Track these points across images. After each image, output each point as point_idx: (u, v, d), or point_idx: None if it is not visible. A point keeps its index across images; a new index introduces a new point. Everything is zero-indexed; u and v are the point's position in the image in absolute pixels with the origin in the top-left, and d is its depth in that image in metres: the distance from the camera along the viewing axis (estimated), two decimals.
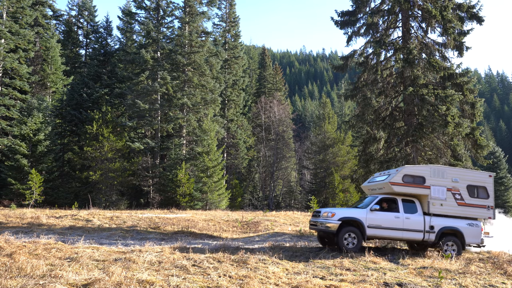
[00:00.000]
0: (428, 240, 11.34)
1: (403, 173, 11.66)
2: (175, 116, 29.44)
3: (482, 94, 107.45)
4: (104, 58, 35.51)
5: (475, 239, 11.54)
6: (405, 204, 11.53)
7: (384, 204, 11.54)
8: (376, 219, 11.10)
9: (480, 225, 11.72)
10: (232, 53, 41.61)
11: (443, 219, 11.49)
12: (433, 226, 11.32)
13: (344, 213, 11.23)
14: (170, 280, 6.66)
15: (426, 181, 11.66)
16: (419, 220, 11.35)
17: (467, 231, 11.45)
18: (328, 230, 11.09)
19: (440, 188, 11.63)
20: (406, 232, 11.24)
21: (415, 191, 11.67)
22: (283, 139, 43.13)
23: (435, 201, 11.51)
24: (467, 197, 11.75)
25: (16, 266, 6.88)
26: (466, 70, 16.19)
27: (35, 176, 22.94)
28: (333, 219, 10.96)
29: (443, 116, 14.62)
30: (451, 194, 11.67)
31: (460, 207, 11.65)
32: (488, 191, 12.03)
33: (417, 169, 11.98)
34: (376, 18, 16.97)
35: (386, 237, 11.66)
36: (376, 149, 17.29)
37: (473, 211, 11.77)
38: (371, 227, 11.03)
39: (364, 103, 16.64)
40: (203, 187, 27.24)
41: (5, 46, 27.35)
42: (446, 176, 11.79)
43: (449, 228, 11.41)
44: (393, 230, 11.19)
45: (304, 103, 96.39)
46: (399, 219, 11.26)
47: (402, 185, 11.55)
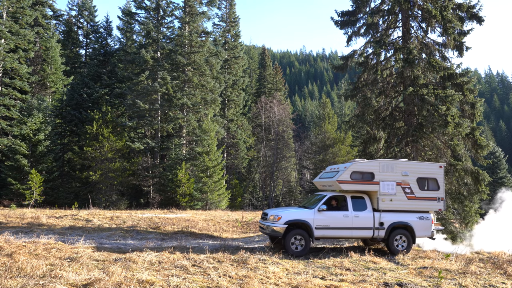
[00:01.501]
0: (378, 236, 11.25)
1: (351, 170, 11.43)
2: (175, 116, 29.44)
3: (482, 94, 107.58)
4: (104, 58, 35.51)
5: (425, 232, 11.47)
6: (355, 202, 11.35)
7: (334, 202, 11.39)
8: (324, 219, 10.90)
9: (431, 217, 11.63)
10: (232, 53, 41.60)
11: (393, 215, 11.37)
12: (382, 223, 11.21)
13: (290, 216, 10.92)
14: (170, 280, 6.65)
15: (375, 177, 11.47)
16: (368, 217, 11.21)
17: (417, 224, 11.36)
18: (275, 234, 10.84)
19: (390, 183, 11.47)
20: (355, 230, 11.12)
21: (364, 187, 11.48)
22: (283, 139, 43.12)
23: (385, 196, 11.36)
24: (417, 190, 11.61)
25: (16, 266, 6.88)
26: (466, 70, 16.18)
27: (35, 176, 22.94)
28: (279, 223, 10.73)
29: (443, 116, 14.62)
30: (401, 188, 11.53)
31: (410, 201, 11.52)
32: (438, 182, 11.87)
33: (365, 165, 11.73)
34: (376, 18, 16.96)
35: (336, 237, 11.53)
36: (376, 149, 17.28)
37: (423, 204, 11.64)
38: (319, 228, 10.83)
39: (364, 103, 16.64)
40: (203, 187, 27.24)
41: (5, 46, 27.35)
42: (395, 170, 11.61)
43: (399, 223, 11.31)
44: (342, 229, 11.04)
45: (304, 103, 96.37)
46: (348, 217, 11.09)
47: (350, 183, 11.34)
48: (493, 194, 17.13)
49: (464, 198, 15.14)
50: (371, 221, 11.17)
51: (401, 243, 11.32)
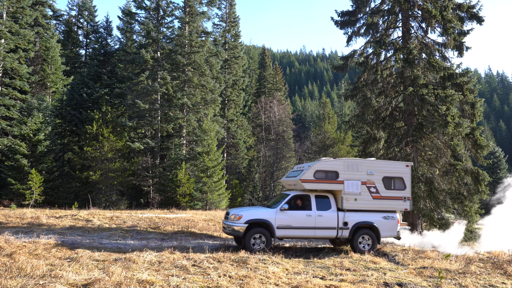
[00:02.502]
0: (341, 237, 11.06)
1: (315, 169, 11.22)
2: (175, 116, 29.44)
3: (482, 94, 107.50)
4: (104, 58, 35.50)
5: (391, 232, 11.30)
6: (319, 201, 11.12)
7: (298, 202, 11.16)
8: (286, 219, 10.70)
9: (397, 217, 11.41)
10: (232, 53, 41.60)
11: (357, 214, 11.18)
12: (347, 222, 11.00)
13: (251, 215, 10.74)
14: (170, 280, 6.65)
15: (339, 176, 11.26)
16: (332, 217, 11.00)
17: (382, 224, 11.17)
18: (236, 234, 10.68)
19: (354, 182, 11.26)
20: (318, 230, 10.89)
21: (328, 187, 11.28)
22: (283, 139, 43.11)
23: (349, 196, 11.15)
24: (382, 190, 11.42)
25: (16, 266, 6.88)
26: (466, 70, 16.19)
27: (35, 176, 22.94)
28: (239, 222, 10.54)
29: (443, 116, 14.62)
30: (366, 187, 11.33)
31: (375, 200, 11.32)
32: (405, 181, 11.66)
33: (329, 164, 11.52)
34: (376, 18, 16.97)
35: (298, 237, 11.35)
36: (376, 149, 17.29)
37: (389, 203, 11.44)
38: (281, 227, 10.65)
39: (364, 103, 16.64)
40: (203, 187, 27.24)
41: (5, 46, 27.34)
42: (360, 169, 11.41)
43: (364, 223, 11.11)
44: (305, 229, 10.83)
45: (304, 103, 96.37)
46: (311, 217, 10.87)
47: (313, 182, 11.11)
48: (493, 195, 17.12)
49: (464, 198, 15.14)
50: (335, 220, 10.99)
51: (365, 243, 11.12)
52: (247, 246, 10.42)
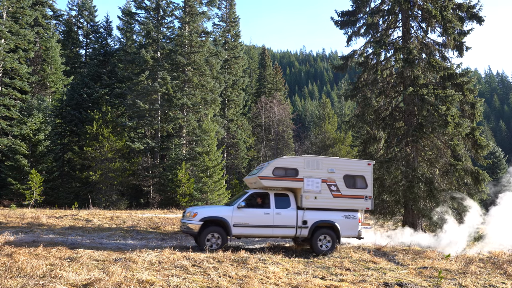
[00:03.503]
0: (300, 235, 10.83)
1: (274, 166, 11.05)
2: (175, 116, 29.43)
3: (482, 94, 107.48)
4: (104, 58, 35.50)
5: (351, 232, 11.09)
6: (278, 199, 10.92)
7: (257, 200, 10.99)
8: (243, 216, 10.50)
9: (358, 216, 11.23)
10: (232, 53, 41.60)
11: (317, 213, 10.98)
12: (306, 221, 10.79)
13: (207, 213, 10.55)
14: (170, 280, 6.66)
15: (299, 173, 11.06)
16: (291, 215, 10.79)
17: (343, 223, 10.97)
18: (190, 232, 10.42)
19: (315, 180, 11.09)
20: (277, 229, 10.69)
21: (288, 184, 11.09)
22: (283, 139, 43.12)
23: (309, 194, 10.97)
24: (343, 188, 11.27)
25: (16, 266, 6.88)
26: (466, 70, 16.18)
27: (35, 176, 22.93)
28: (194, 220, 10.32)
29: (443, 116, 14.62)
30: (327, 185, 11.16)
31: (336, 199, 11.17)
32: (366, 180, 11.52)
33: (289, 161, 11.38)
34: (376, 18, 16.97)
35: (256, 235, 11.15)
36: (376, 149, 17.29)
37: (350, 202, 11.28)
38: (238, 225, 10.44)
39: (364, 103, 16.64)
40: (203, 187, 27.23)
41: (5, 46, 27.34)
42: (321, 167, 11.24)
43: (323, 222, 10.91)
44: (262, 227, 10.64)
45: (304, 103, 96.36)
46: (269, 215, 10.66)
47: (272, 179, 10.94)
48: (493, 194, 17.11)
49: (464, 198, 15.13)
50: (294, 219, 10.76)
51: (325, 242, 10.90)
52: (201, 244, 10.22)
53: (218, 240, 10.37)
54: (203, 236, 10.27)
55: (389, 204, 16.50)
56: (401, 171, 15.84)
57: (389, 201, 16.43)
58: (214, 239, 10.37)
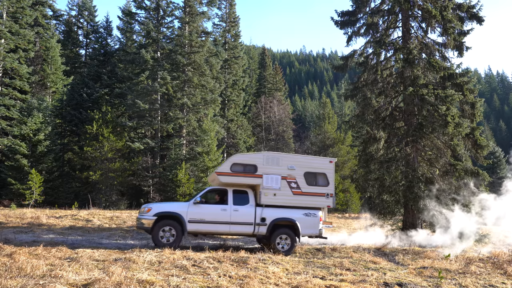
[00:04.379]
0: (258, 233, 10.70)
1: (232, 161, 10.95)
2: (175, 116, 29.43)
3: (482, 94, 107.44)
4: (104, 58, 35.50)
5: (312, 230, 10.92)
6: (236, 196, 10.81)
7: (215, 196, 10.92)
8: (199, 212, 10.38)
9: (319, 214, 11.08)
10: (232, 53, 41.59)
11: (276, 210, 10.84)
12: (264, 218, 10.64)
13: (161, 208, 10.43)
14: (170, 280, 6.65)
15: (258, 170, 10.93)
16: (249, 212, 10.65)
17: (303, 221, 10.80)
18: (144, 227, 10.24)
19: (274, 176, 10.95)
20: (234, 225, 10.53)
21: (246, 181, 10.93)
22: (283, 139, 43.11)
23: (268, 191, 10.83)
24: (304, 186, 11.10)
25: (16, 266, 6.88)
26: (466, 70, 16.18)
27: (35, 176, 22.93)
28: (148, 215, 10.17)
29: (443, 116, 14.61)
30: (287, 182, 11.00)
31: (296, 196, 11.00)
32: (328, 178, 11.36)
33: (248, 157, 11.36)
34: (376, 18, 16.97)
35: (212, 232, 10.97)
36: (376, 149, 17.28)
37: (310, 200, 11.11)
38: (193, 221, 10.31)
39: (364, 103, 16.64)
40: (203, 187, 27.23)
41: (5, 46, 27.34)
42: (281, 164, 11.11)
43: (282, 220, 10.76)
44: (219, 224, 10.47)
45: (304, 103, 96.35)
46: (226, 211, 10.53)
47: (230, 175, 10.79)
48: None
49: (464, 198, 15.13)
50: (252, 216, 10.62)
51: (283, 240, 10.76)
52: (155, 241, 10.09)
53: (172, 236, 10.18)
54: (156, 231, 10.10)
55: (389, 204, 16.49)
56: (401, 171, 15.84)
57: (389, 201, 16.43)
58: (168, 234, 10.19)
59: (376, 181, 16.20)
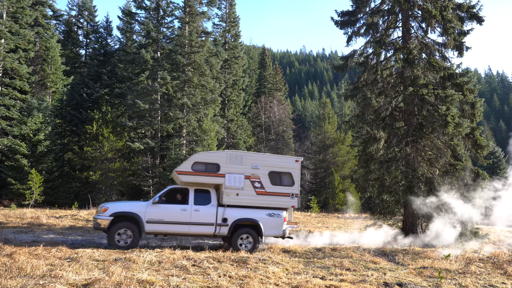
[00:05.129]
0: (219, 234, 10.44)
1: (194, 160, 10.69)
2: (175, 116, 29.43)
3: (482, 94, 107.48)
4: (104, 58, 35.51)
5: (275, 231, 10.72)
6: (198, 195, 10.56)
7: (176, 195, 10.59)
8: (158, 212, 10.09)
9: (283, 215, 10.84)
10: (232, 53, 41.60)
11: (238, 210, 10.60)
12: (226, 219, 10.41)
13: (118, 208, 10.13)
14: (170, 280, 6.65)
15: (221, 169, 10.68)
16: (210, 212, 10.40)
17: (266, 222, 10.59)
18: (100, 227, 9.96)
19: (237, 176, 10.73)
20: (194, 226, 10.27)
21: (208, 180, 10.69)
22: (283, 139, 43.11)
23: (230, 190, 10.61)
24: (268, 185, 10.88)
25: (16, 266, 6.88)
26: (466, 70, 16.17)
27: (35, 176, 22.94)
28: (104, 215, 9.88)
29: (443, 116, 14.61)
30: (250, 182, 10.76)
31: (259, 196, 10.79)
32: (293, 177, 11.13)
33: (210, 156, 11.06)
34: (376, 18, 16.96)
35: (171, 233, 10.58)
36: (376, 149, 17.28)
37: (275, 200, 10.90)
38: (151, 222, 10.03)
39: (364, 103, 16.63)
40: None
41: (5, 46, 27.34)
42: (245, 163, 10.86)
43: (245, 220, 10.53)
44: (178, 224, 10.20)
45: (304, 103, 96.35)
46: (186, 211, 10.26)
47: (191, 174, 10.53)
48: None
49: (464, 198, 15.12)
50: (213, 216, 10.38)
51: (245, 241, 10.54)
52: (111, 241, 9.82)
53: (128, 237, 9.93)
54: (112, 232, 9.83)
55: (389, 204, 16.49)
56: (401, 171, 15.83)
57: (389, 201, 16.43)
58: (125, 235, 9.94)
59: (376, 181, 16.19)
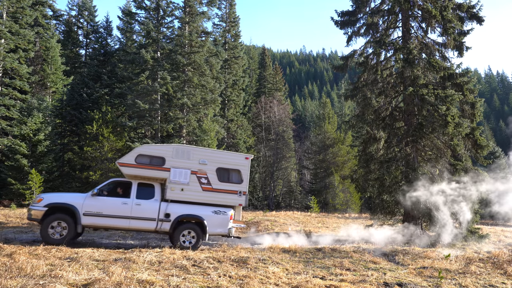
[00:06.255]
0: (161, 229, 10.18)
1: (137, 152, 10.49)
2: (175, 116, 29.44)
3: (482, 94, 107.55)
4: (104, 58, 35.52)
5: (221, 229, 10.47)
6: (141, 189, 10.35)
7: (118, 188, 10.38)
8: (97, 205, 9.85)
9: (229, 213, 10.62)
10: (232, 53, 41.61)
11: (183, 206, 10.41)
12: (169, 214, 10.17)
13: (53, 198, 9.85)
14: (170, 280, 6.65)
15: (166, 163, 10.49)
16: (152, 207, 10.18)
17: (211, 219, 10.36)
18: (33, 219, 9.63)
19: (183, 171, 10.54)
20: (134, 220, 10.03)
21: (152, 173, 10.47)
22: (283, 139, 43.12)
23: (175, 185, 10.42)
24: (215, 182, 10.70)
25: (16, 266, 6.88)
26: (466, 70, 16.17)
27: (35, 176, 22.94)
28: (39, 205, 9.59)
29: (443, 116, 14.61)
30: (196, 178, 10.58)
31: (205, 192, 10.60)
32: (242, 175, 10.95)
33: (156, 149, 10.76)
34: (376, 18, 16.97)
35: (110, 227, 10.25)
36: (376, 149, 17.28)
37: (221, 197, 10.73)
38: (89, 214, 9.77)
39: (364, 103, 16.64)
40: None
41: (5, 46, 27.34)
42: (192, 158, 10.69)
43: (188, 216, 10.30)
44: (118, 218, 9.94)
45: (304, 103, 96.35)
46: (127, 205, 10.03)
47: (133, 167, 10.32)
48: None
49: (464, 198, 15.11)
50: (155, 211, 10.14)
51: (188, 238, 10.29)
52: (43, 234, 9.55)
53: (63, 229, 9.67)
54: (46, 224, 9.57)
55: (389, 204, 16.49)
56: (401, 171, 15.83)
57: (389, 201, 16.43)
58: (60, 228, 9.68)
59: (376, 181, 16.19)
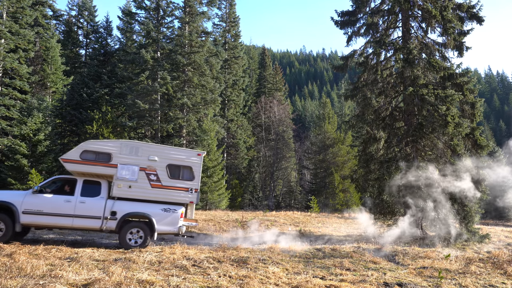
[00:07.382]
0: (106, 228, 9.84)
1: (82, 148, 10.16)
2: (175, 116, 29.45)
3: (482, 94, 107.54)
4: (104, 58, 35.54)
5: (170, 227, 10.17)
6: (86, 186, 10.00)
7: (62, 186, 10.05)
8: (37, 203, 9.49)
9: (180, 211, 10.34)
10: (232, 53, 41.62)
11: (130, 204, 10.10)
12: (115, 212, 9.85)
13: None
14: (170, 280, 6.65)
15: (112, 159, 10.20)
16: (97, 205, 9.84)
17: (159, 217, 10.07)
18: None
19: (131, 167, 10.26)
20: (78, 219, 9.67)
21: (98, 170, 10.13)
22: (283, 139, 43.12)
23: (122, 182, 10.13)
24: (165, 179, 10.42)
25: (16, 266, 6.88)
26: (466, 70, 16.16)
27: (35, 176, 22.93)
28: None
29: (443, 116, 14.61)
30: (145, 174, 10.31)
31: (154, 189, 10.32)
32: (194, 172, 10.71)
33: (102, 144, 10.42)
34: (376, 18, 16.96)
35: (52, 226, 9.85)
36: (376, 149, 17.27)
37: (171, 194, 10.44)
38: (28, 212, 9.40)
39: (364, 103, 16.63)
40: (203, 187, 27.25)
41: (5, 46, 27.35)
42: (141, 154, 10.41)
43: (136, 214, 10.00)
44: (60, 216, 9.58)
45: (304, 103, 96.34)
46: (70, 203, 9.68)
47: (78, 163, 10.00)
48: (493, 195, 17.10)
49: (464, 198, 15.10)
50: (100, 209, 9.81)
51: (136, 235, 9.99)
52: None
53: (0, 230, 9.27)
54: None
55: (389, 204, 16.49)
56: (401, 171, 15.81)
57: (389, 201, 16.42)
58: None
59: (376, 181, 16.19)
